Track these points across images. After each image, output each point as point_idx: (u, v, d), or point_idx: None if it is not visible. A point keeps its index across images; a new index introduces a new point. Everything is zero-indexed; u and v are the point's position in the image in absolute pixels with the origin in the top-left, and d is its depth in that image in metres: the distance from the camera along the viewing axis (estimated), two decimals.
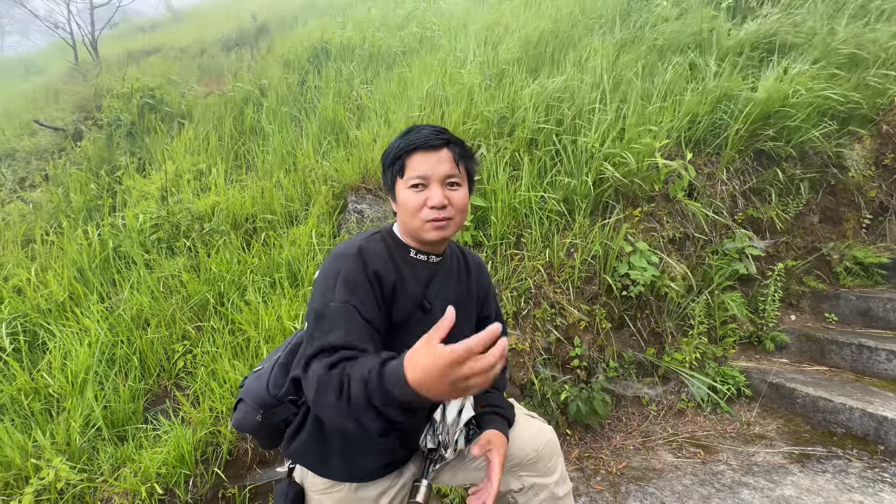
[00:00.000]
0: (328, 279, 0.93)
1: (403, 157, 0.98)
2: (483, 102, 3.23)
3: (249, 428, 1.08)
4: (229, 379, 2.17)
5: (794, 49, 3.30)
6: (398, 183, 1.00)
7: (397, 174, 0.99)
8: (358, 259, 0.95)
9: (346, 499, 1.02)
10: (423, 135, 0.98)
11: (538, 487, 1.17)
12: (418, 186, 0.96)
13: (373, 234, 1.04)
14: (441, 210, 0.96)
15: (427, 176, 0.96)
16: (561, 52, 3.74)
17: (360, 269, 0.94)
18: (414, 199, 0.97)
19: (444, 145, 0.98)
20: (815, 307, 2.96)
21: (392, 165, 1.00)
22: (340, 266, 0.93)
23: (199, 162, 3.73)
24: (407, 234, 1.04)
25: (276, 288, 2.61)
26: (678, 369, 2.45)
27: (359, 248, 0.97)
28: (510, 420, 1.16)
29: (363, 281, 0.93)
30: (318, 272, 0.99)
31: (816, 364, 2.56)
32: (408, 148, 0.97)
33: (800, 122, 2.82)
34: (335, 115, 3.92)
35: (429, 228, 0.98)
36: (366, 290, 0.92)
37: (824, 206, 3.07)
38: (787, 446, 2.05)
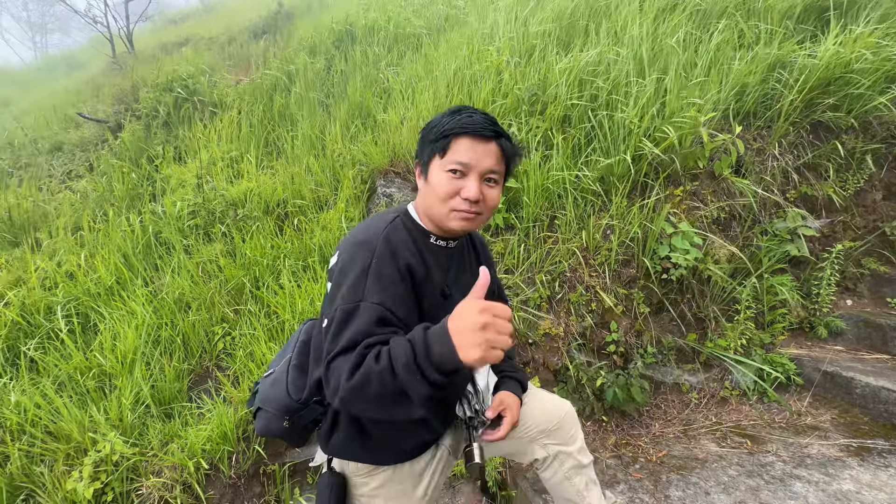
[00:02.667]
0: (356, 273, 0.87)
1: (450, 137, 0.92)
2: (513, 80, 3.11)
3: (276, 433, 1.06)
4: (266, 361, 2.22)
5: (854, 6, 2.99)
6: (435, 161, 0.94)
7: (437, 152, 0.94)
8: (387, 250, 0.90)
9: (391, 478, 1.03)
10: (477, 121, 0.92)
11: (563, 456, 1.20)
12: (456, 173, 0.92)
13: (393, 220, 0.98)
14: (473, 204, 0.92)
15: (469, 165, 0.91)
16: (595, 23, 3.54)
17: (392, 262, 0.89)
18: (448, 185, 0.92)
19: (495, 139, 0.93)
20: (876, 291, 2.74)
21: (435, 141, 0.94)
22: (369, 258, 0.88)
23: (232, 149, 3.81)
24: (428, 217, 1.00)
25: (308, 272, 2.64)
26: (722, 355, 2.34)
27: (385, 237, 0.92)
28: (523, 383, 1.18)
29: (396, 276, 0.89)
30: (338, 260, 0.93)
31: (877, 352, 2.38)
32: (458, 130, 0.91)
33: (864, 89, 2.57)
34: (362, 98, 3.89)
35: (455, 218, 0.94)
36: (399, 287, 0.88)
37: (889, 182, 2.81)
38: (843, 438, 1.92)
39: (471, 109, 0.95)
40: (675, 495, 1.68)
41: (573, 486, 1.21)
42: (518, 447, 1.22)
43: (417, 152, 1.02)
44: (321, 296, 2.41)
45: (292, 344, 1.15)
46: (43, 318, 2.56)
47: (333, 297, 0.89)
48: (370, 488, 1.03)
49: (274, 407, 1.04)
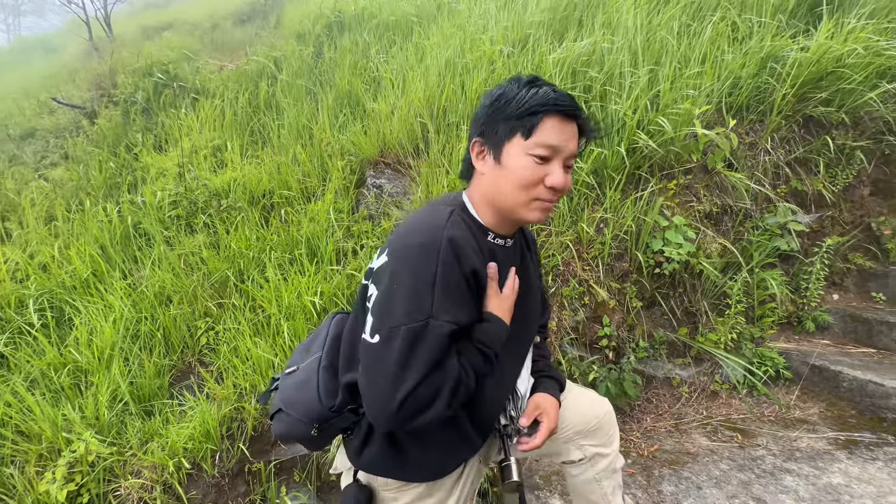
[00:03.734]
0: (419, 283, 0.76)
1: (540, 115, 0.79)
2: (506, 70, 3.05)
3: (297, 439, 0.97)
4: (251, 356, 2.15)
5: (846, 1, 2.99)
6: (515, 141, 0.81)
7: (519, 131, 0.80)
8: (452, 254, 0.78)
9: (423, 494, 0.95)
10: (564, 97, 0.81)
11: (598, 458, 1.13)
12: (542, 159, 0.80)
13: (450, 216, 0.84)
14: (556, 193, 0.83)
15: (558, 149, 0.81)
16: (590, 13, 3.49)
17: (457, 268, 0.78)
18: (533, 171, 0.80)
19: (578, 119, 0.84)
20: (861, 286, 2.78)
21: (517, 118, 0.80)
22: (434, 265, 0.76)
23: (215, 138, 3.68)
24: (494, 208, 0.87)
25: (295, 265, 2.57)
26: (712, 350, 2.34)
27: (449, 238, 0.79)
28: (561, 382, 1.10)
29: (464, 286, 0.80)
30: (388, 262, 0.81)
31: (863, 346, 2.41)
32: (550, 106, 0.79)
33: (856, 84, 2.58)
34: (351, 87, 3.79)
35: (535, 209, 0.84)
36: (467, 297, 0.81)
37: (876, 178, 2.84)
38: (831, 432, 1.94)
39: (547, 82, 0.84)
40: (668, 490, 1.67)
41: (601, 489, 1.15)
42: (552, 448, 1.14)
43: (480, 129, 0.87)
44: (308, 289, 2.34)
45: (320, 340, 1.02)
46: (14, 311, 2.45)
47: (386, 308, 0.77)
48: (392, 496, 0.95)
49: (302, 413, 0.93)
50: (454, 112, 2.93)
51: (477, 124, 0.88)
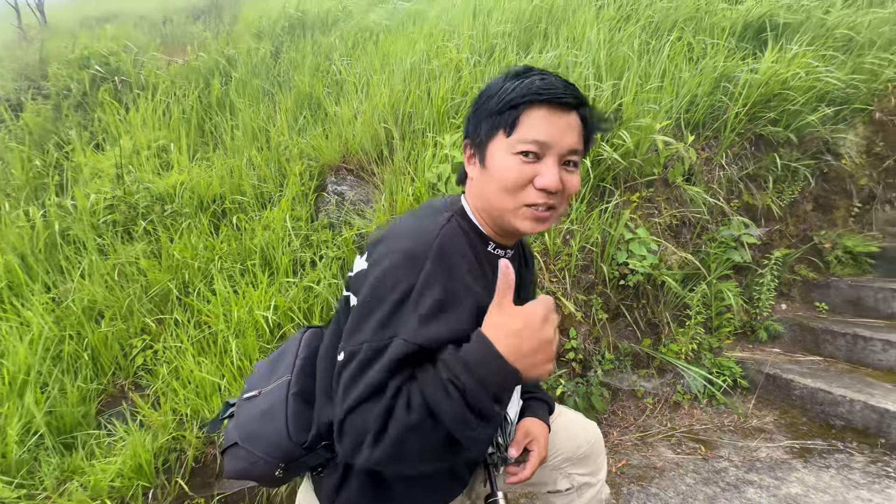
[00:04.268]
0: (395, 297, 0.66)
1: (521, 107, 0.69)
2: (473, 78, 3.01)
3: (257, 479, 0.83)
4: (194, 378, 1.95)
5: (789, 29, 3.20)
6: (498, 140, 0.72)
7: (501, 127, 0.71)
8: (439, 267, 0.68)
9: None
10: (554, 85, 0.70)
11: (586, 487, 1.03)
12: (529, 155, 0.70)
13: (447, 222, 0.74)
14: (550, 196, 0.71)
15: (548, 144, 0.70)
16: (554, 26, 3.54)
17: (443, 282, 0.67)
18: (518, 171, 0.70)
19: (576, 107, 0.72)
20: (806, 296, 2.93)
21: (498, 114, 0.71)
22: (413, 277, 0.66)
23: (160, 137, 3.40)
24: (486, 215, 0.78)
25: (247, 276, 2.37)
26: (674, 361, 2.37)
27: (439, 248, 0.69)
28: (550, 405, 1.01)
29: (448, 302, 0.67)
30: (369, 268, 0.71)
31: (810, 354, 2.52)
32: (532, 96, 0.69)
33: (799, 105, 2.74)
34: (312, 89, 3.63)
35: (526, 216, 0.73)
36: (451, 317, 0.67)
37: (817, 194, 3.02)
38: (786, 440, 1.99)
39: (541, 71, 0.73)
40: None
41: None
42: (538, 477, 1.01)
43: (468, 129, 0.78)
44: (261, 303, 2.16)
45: (288, 361, 0.87)
46: None
47: (355, 322, 0.68)
48: None
49: (265, 449, 0.79)
50: (420, 119, 2.85)
51: (465, 126, 0.80)
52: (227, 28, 5.09)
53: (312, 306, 2.17)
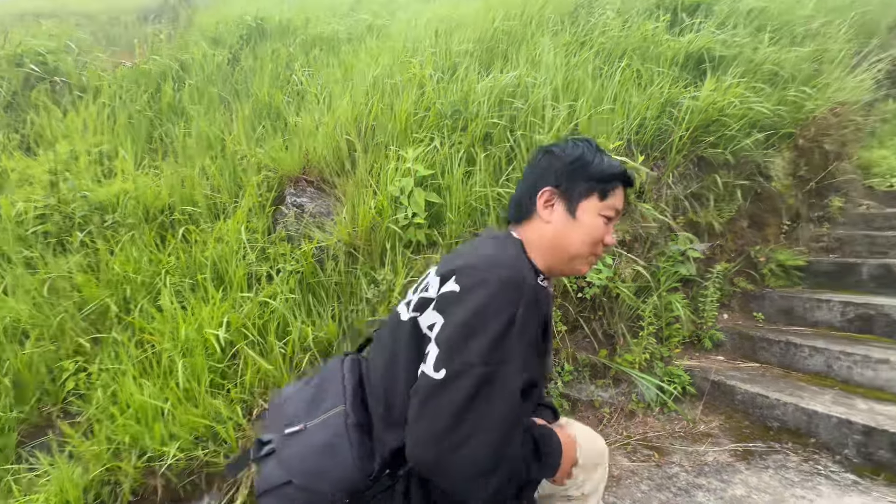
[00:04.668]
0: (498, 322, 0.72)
1: (616, 183, 0.92)
2: (435, 94, 3.06)
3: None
4: (134, 402, 1.80)
5: (724, 62, 3.50)
6: (591, 201, 0.90)
7: (597, 192, 0.90)
8: (533, 296, 0.77)
9: None
10: (632, 174, 0.95)
11: (593, 496, 1.06)
12: (608, 220, 0.92)
13: (518, 255, 0.87)
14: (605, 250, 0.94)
15: (620, 213, 0.94)
16: (514, 48, 3.68)
17: (536, 313, 0.78)
18: (601, 230, 0.91)
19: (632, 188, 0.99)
20: (745, 306, 3.15)
21: (598, 181, 0.90)
22: (514, 307, 0.74)
23: (103, 142, 3.19)
24: (549, 255, 0.91)
25: (197, 291, 2.25)
26: (629, 370, 2.46)
27: (528, 283, 0.78)
28: (555, 410, 1.08)
29: (536, 332, 0.81)
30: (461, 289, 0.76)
31: (749, 361, 2.70)
32: (623, 179, 0.93)
33: (735, 131, 2.98)
34: (272, 98, 3.55)
35: (587, 262, 0.93)
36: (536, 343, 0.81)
37: (752, 212, 3.28)
38: (731, 443, 2.11)
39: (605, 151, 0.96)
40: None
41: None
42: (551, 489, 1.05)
43: (558, 180, 0.92)
44: (212, 319, 2.04)
45: (336, 390, 0.86)
46: None
47: (458, 342, 0.72)
48: None
49: (331, 485, 0.77)
50: (383, 132, 2.85)
51: (548, 175, 0.93)
52: (181, 32, 4.89)
53: (268, 322, 2.08)
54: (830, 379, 2.35)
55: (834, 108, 3.37)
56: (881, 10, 4.68)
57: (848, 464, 1.87)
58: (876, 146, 3.98)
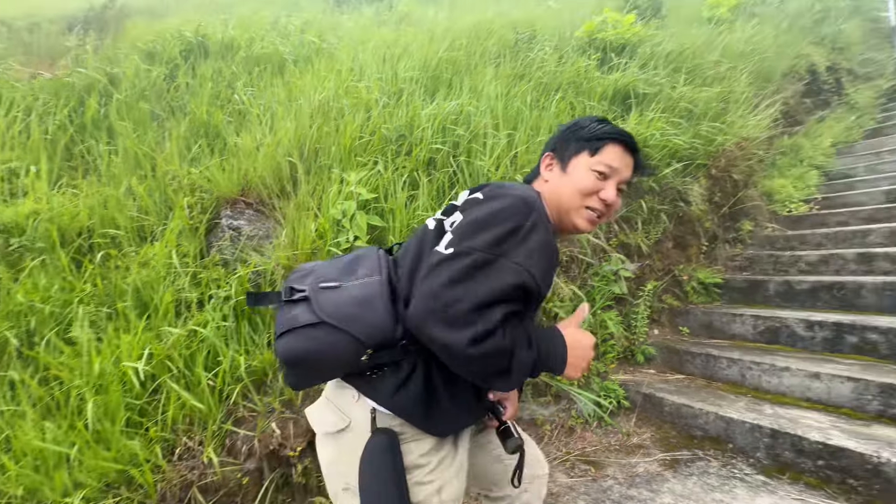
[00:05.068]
0: (508, 226, 0.84)
1: (606, 140, 0.99)
2: (382, 119, 3.11)
3: (328, 363, 0.88)
4: (32, 450, 1.61)
5: (647, 98, 3.86)
6: (582, 157, 1.00)
7: (587, 150, 0.99)
8: (542, 217, 0.89)
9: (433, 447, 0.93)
10: (629, 134, 1.02)
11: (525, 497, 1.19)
12: (601, 175, 0.98)
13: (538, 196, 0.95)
14: (605, 206, 0.99)
15: (616, 170, 0.99)
16: (458, 77, 3.83)
17: (546, 230, 0.88)
18: (591, 182, 0.98)
19: (635, 154, 1.03)
20: (672, 321, 3.40)
21: (587, 140, 1.00)
22: (525, 217, 0.86)
23: (11, 158, 2.91)
24: (555, 208, 1.01)
25: (116, 320, 2.07)
26: (567, 388, 2.55)
27: (541, 206, 0.91)
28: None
29: (549, 248, 0.88)
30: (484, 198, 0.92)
31: (677, 373, 2.90)
32: (615, 136, 1.00)
33: (657, 161, 3.27)
34: (210, 117, 3.43)
35: (585, 217, 1.00)
36: (550, 260, 0.88)
37: (676, 234, 3.58)
38: (660, 453, 2.23)
39: (614, 125, 1.04)
40: None
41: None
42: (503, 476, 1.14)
43: (554, 145, 1.06)
44: (132, 351, 1.89)
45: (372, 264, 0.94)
46: None
47: (468, 231, 0.85)
48: (416, 455, 0.91)
49: (363, 330, 0.84)
50: (326, 154, 2.84)
51: (550, 143, 1.08)
52: (111, 44, 4.63)
53: (196, 352, 1.96)
54: (745, 387, 2.57)
55: (739, 143, 3.81)
56: (776, 59, 5.39)
57: (759, 465, 2.04)
58: (776, 176, 4.50)
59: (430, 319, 0.78)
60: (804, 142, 5.04)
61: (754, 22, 5.78)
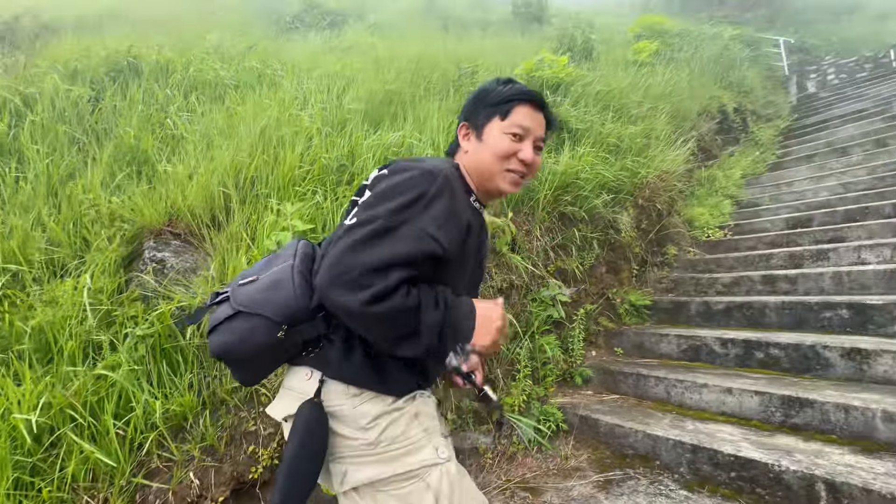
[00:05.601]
0: (411, 195, 0.87)
1: (514, 102, 1.00)
2: (323, 148, 3.10)
3: (251, 350, 0.90)
4: None
5: (579, 133, 4.15)
6: (494, 122, 1.01)
7: (498, 114, 1.00)
8: (448, 186, 0.91)
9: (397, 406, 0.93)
10: (533, 92, 1.04)
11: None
12: (516, 136, 1.00)
13: (450, 166, 0.99)
14: (526, 167, 1.01)
15: (529, 130, 1.01)
16: (402, 109, 3.93)
17: (451, 199, 0.91)
18: (508, 145, 1.00)
19: (543, 110, 1.05)
20: (608, 343, 3.57)
21: (495, 105, 1.01)
22: (428, 185, 0.89)
23: None
24: (476, 175, 1.03)
25: (10, 368, 1.86)
26: (508, 414, 2.59)
27: (448, 175, 0.93)
28: None
29: (453, 215, 0.90)
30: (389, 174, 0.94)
31: (612, 393, 3.03)
32: (521, 96, 1.01)
33: (588, 192, 3.51)
34: (139, 142, 3.26)
35: (507, 179, 1.01)
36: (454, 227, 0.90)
37: (608, 260, 3.81)
38: (595, 475, 2.30)
39: (519, 83, 1.05)
40: None
41: None
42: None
43: (467, 114, 1.06)
44: (25, 401, 1.69)
45: (288, 253, 0.99)
46: None
47: (372, 203, 0.89)
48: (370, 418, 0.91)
49: (273, 310, 0.89)
50: (263, 183, 2.78)
51: (464, 112, 1.08)
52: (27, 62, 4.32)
53: (104, 399, 1.79)
54: (670, 404, 2.73)
55: (660, 175, 4.17)
56: (691, 100, 6.03)
57: (682, 480, 2.16)
58: (696, 205, 4.96)
59: (332, 285, 0.81)
60: (718, 173, 5.61)
61: (672, 67, 6.45)
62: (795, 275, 3.39)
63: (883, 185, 4.50)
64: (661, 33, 7.86)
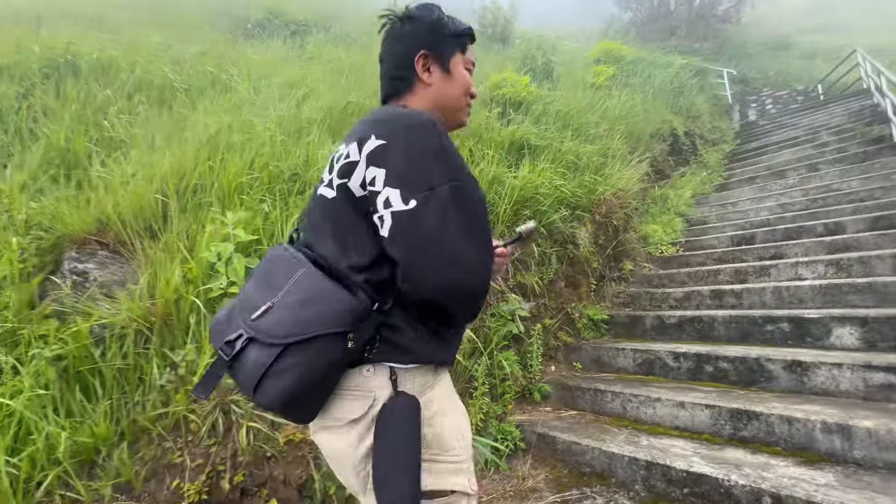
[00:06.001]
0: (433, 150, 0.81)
1: (467, 37, 1.01)
2: (275, 156, 2.97)
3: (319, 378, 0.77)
4: None
5: (538, 150, 4.22)
6: (458, 56, 0.99)
7: (460, 48, 0.99)
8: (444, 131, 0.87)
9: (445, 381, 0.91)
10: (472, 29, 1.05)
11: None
12: (469, 72, 1.01)
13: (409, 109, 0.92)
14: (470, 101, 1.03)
15: (474, 64, 1.04)
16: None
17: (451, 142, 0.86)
18: (469, 80, 1.01)
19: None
20: (567, 358, 3.56)
21: (458, 37, 0.99)
22: (434, 138, 0.83)
23: None
24: (441, 110, 0.98)
25: None
26: None
27: (431, 119, 0.86)
28: None
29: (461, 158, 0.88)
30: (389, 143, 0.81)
31: (570, 409, 3.00)
32: (471, 32, 1.02)
33: (547, 207, 3.54)
34: (70, 144, 3.00)
35: (465, 112, 1.03)
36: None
37: (567, 274, 3.84)
38: (552, 495, 2.23)
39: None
40: None
41: None
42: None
43: (429, 45, 0.97)
44: None
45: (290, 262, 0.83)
46: None
47: (413, 174, 0.79)
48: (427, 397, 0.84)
49: (332, 322, 0.75)
50: (207, 191, 2.61)
51: (418, 41, 0.97)
52: None
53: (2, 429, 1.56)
54: (626, 419, 2.73)
55: (616, 193, 4.29)
56: (645, 123, 6.31)
57: (638, 498, 2.13)
58: (650, 222, 5.14)
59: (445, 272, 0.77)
60: (670, 192, 5.87)
61: (627, 91, 6.76)
62: (741, 289, 3.54)
63: (815, 205, 4.84)
64: (619, 59, 8.26)
